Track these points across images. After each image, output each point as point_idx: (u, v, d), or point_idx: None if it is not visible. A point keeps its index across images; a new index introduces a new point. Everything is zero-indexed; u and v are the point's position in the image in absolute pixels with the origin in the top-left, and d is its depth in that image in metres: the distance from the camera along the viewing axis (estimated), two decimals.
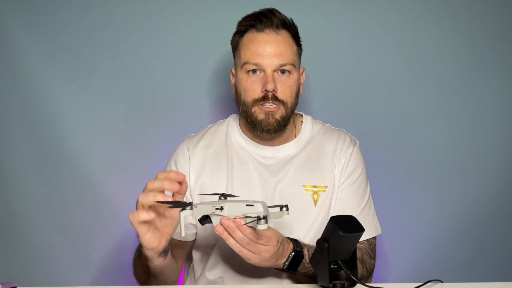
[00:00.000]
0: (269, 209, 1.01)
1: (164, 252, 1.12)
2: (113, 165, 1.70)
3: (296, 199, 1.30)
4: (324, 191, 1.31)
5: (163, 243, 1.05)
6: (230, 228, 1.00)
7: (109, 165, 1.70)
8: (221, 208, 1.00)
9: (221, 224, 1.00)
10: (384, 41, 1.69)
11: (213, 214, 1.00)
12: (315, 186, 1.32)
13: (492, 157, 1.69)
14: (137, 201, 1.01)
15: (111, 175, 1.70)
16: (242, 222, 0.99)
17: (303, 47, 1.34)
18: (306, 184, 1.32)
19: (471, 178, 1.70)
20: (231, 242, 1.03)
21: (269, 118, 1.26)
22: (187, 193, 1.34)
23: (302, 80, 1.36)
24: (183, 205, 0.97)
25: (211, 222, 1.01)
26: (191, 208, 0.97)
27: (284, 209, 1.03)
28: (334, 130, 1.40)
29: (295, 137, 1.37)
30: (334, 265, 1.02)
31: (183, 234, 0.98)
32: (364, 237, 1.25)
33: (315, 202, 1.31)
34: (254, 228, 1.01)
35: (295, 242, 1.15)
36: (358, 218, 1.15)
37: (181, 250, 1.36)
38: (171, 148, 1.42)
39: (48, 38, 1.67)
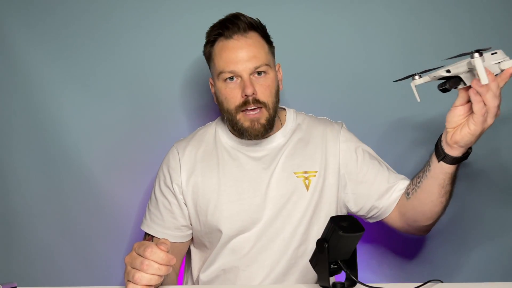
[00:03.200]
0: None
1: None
2: (113, 165, 1.69)
3: (290, 187, 1.33)
4: (315, 175, 1.34)
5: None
6: (491, 77, 0.99)
7: (109, 165, 1.69)
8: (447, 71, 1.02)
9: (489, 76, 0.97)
10: (378, 38, 1.68)
11: (464, 73, 1.02)
12: (305, 172, 1.34)
13: (493, 156, 1.68)
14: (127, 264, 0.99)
15: (111, 175, 1.69)
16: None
17: (297, 47, 1.36)
18: (297, 171, 1.34)
19: (471, 177, 1.67)
20: (489, 97, 1.01)
21: (254, 124, 1.29)
22: (180, 196, 1.36)
23: (279, 77, 1.39)
24: (413, 75, 1.08)
25: (457, 86, 1.04)
26: (420, 76, 1.07)
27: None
28: (319, 118, 1.45)
29: (281, 128, 1.39)
30: (334, 265, 1.02)
31: (418, 100, 1.10)
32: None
33: (307, 187, 1.33)
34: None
35: None
36: (390, 174, 1.37)
37: (178, 252, 1.37)
38: (168, 149, 1.44)
39: (48, 37, 1.66)
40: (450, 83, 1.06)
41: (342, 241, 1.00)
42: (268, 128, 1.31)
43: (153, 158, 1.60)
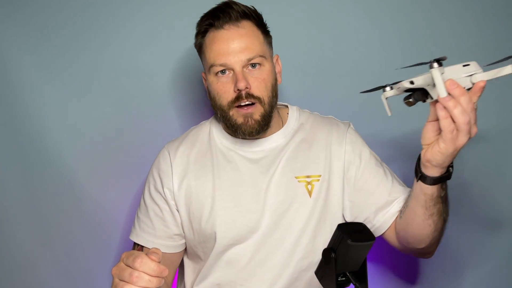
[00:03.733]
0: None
1: None
2: (98, 167, 1.64)
3: (290, 192, 1.28)
4: (318, 180, 1.29)
5: None
6: (459, 91, 0.92)
7: (94, 167, 1.64)
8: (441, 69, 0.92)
9: (447, 88, 0.91)
10: (381, 30, 1.65)
11: (430, 86, 0.96)
12: (308, 177, 1.29)
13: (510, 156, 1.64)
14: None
15: (96, 178, 1.64)
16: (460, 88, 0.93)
17: (300, 39, 1.36)
18: (299, 175, 1.29)
19: (490, 181, 1.64)
20: (457, 112, 0.92)
21: (248, 121, 1.25)
22: (172, 201, 1.32)
23: (278, 69, 1.34)
24: (383, 87, 1.02)
25: (425, 99, 0.97)
26: (392, 88, 1.01)
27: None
28: (324, 118, 1.39)
29: (282, 127, 1.35)
30: (342, 277, 0.97)
31: (389, 114, 1.03)
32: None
33: (310, 193, 1.28)
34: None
35: None
36: (393, 186, 1.28)
37: (170, 263, 1.34)
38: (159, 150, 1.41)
39: (26, 30, 1.61)
40: (415, 96, 1.00)
41: (351, 251, 0.94)
42: (263, 125, 1.26)
43: (143, 160, 1.57)
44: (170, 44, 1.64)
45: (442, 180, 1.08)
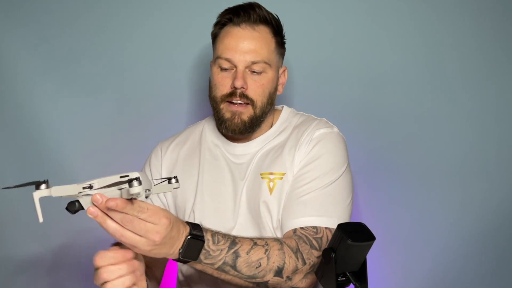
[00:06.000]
0: (153, 181, 0.90)
1: None
2: (97, 167, 1.63)
3: (256, 190, 1.27)
4: (281, 178, 1.26)
5: None
6: (104, 206, 0.85)
7: (93, 166, 1.64)
8: (90, 187, 0.86)
9: (93, 203, 0.85)
10: (386, 34, 1.66)
11: (81, 195, 0.86)
12: (271, 174, 1.27)
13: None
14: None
15: (95, 177, 1.61)
16: (119, 202, 0.83)
17: (301, 44, 1.35)
18: (264, 172, 1.28)
19: (493, 183, 1.65)
20: (110, 226, 0.86)
21: (235, 118, 1.26)
22: (161, 194, 1.35)
23: (282, 80, 1.35)
24: (37, 184, 0.85)
25: (82, 208, 0.86)
26: (47, 187, 0.85)
27: (173, 180, 0.94)
28: (312, 119, 1.34)
29: (268, 130, 1.35)
30: (342, 277, 0.98)
31: (40, 220, 0.86)
32: (312, 222, 1.16)
33: (271, 190, 1.26)
34: (132, 201, 0.87)
35: (194, 225, 1.00)
36: (309, 196, 1.19)
37: (155, 266, 1.29)
38: None
39: (27, 30, 1.63)
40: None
41: (351, 251, 0.95)
42: (248, 127, 1.27)
43: (140, 159, 1.52)
44: (169, 48, 1.66)
45: (188, 255, 1.00)
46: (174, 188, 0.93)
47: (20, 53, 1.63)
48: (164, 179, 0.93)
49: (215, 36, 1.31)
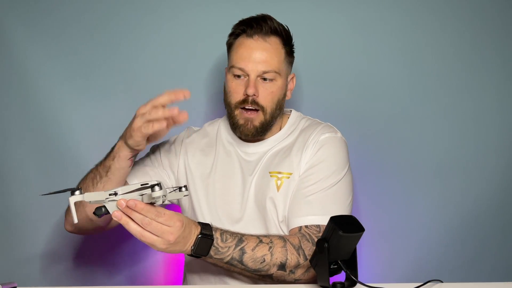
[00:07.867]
0: (167, 189, 1.00)
1: (134, 158, 1.23)
2: None
3: (264, 187, 1.33)
4: (288, 177, 1.32)
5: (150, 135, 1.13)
6: (128, 210, 0.98)
7: None
8: (115, 193, 0.98)
9: (118, 207, 0.98)
10: (384, 41, 1.69)
11: (107, 200, 0.98)
12: (279, 172, 1.34)
13: (493, 157, 1.68)
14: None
15: None
16: (138, 203, 0.97)
17: (304, 48, 1.36)
18: (272, 170, 1.34)
19: (472, 178, 1.69)
20: (132, 227, 1.00)
21: (248, 124, 1.33)
22: (169, 169, 1.40)
23: (290, 86, 1.41)
24: (72, 190, 0.96)
25: (108, 213, 0.98)
26: (81, 193, 0.96)
27: (183, 189, 1.03)
28: (318, 124, 1.41)
29: (277, 132, 1.40)
30: (334, 265, 1.03)
31: (75, 221, 0.97)
32: (316, 221, 1.24)
33: (278, 188, 1.32)
34: (152, 205, 1.00)
35: (204, 225, 1.13)
36: (314, 196, 1.26)
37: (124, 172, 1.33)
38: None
39: (46, 36, 1.66)
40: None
41: (342, 241, 1.00)
42: (260, 131, 1.35)
43: None
44: (180, 53, 1.68)
45: (199, 251, 1.12)
46: (184, 196, 1.03)
47: (42, 61, 1.66)
48: (175, 188, 1.02)
49: (229, 46, 1.37)
